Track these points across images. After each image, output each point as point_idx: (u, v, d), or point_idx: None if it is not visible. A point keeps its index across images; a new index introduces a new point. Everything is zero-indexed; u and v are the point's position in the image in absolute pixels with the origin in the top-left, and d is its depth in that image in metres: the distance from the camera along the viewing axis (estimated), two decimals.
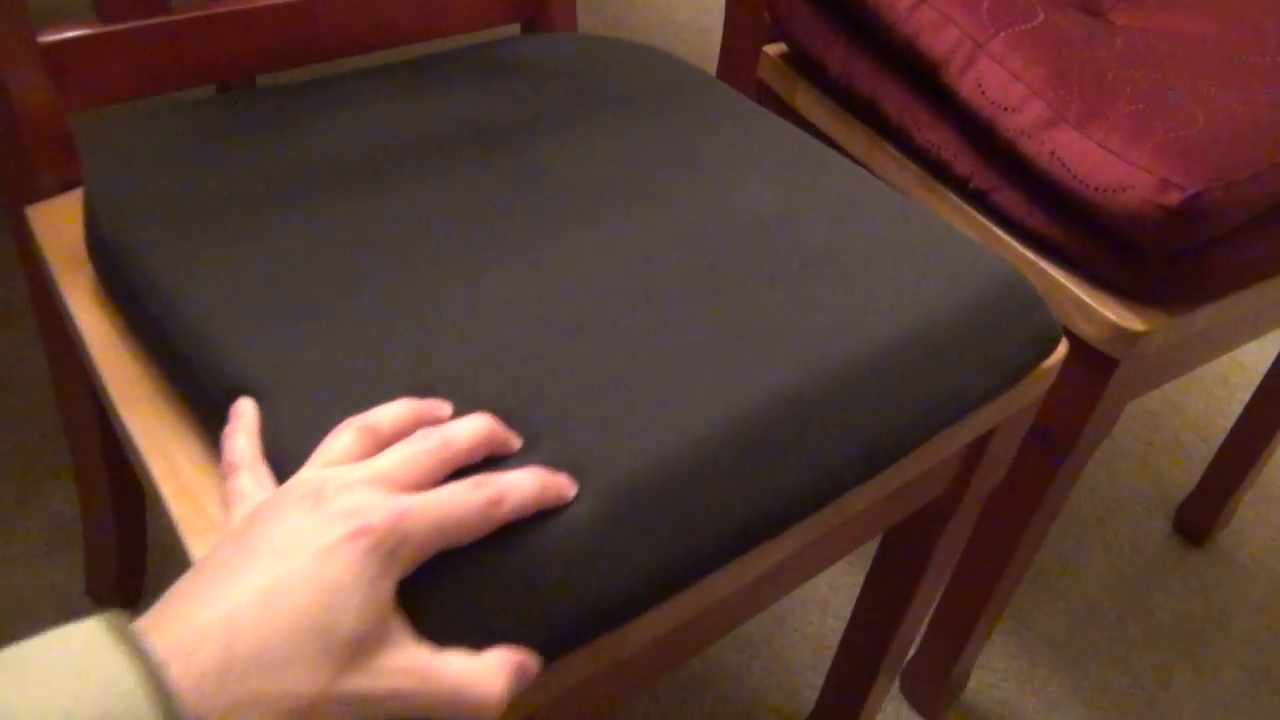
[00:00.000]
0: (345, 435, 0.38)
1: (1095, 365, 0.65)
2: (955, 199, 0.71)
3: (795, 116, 0.82)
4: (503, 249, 0.51)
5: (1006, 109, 0.64)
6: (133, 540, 0.85)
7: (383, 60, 0.70)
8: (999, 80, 0.64)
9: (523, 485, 0.38)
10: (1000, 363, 0.53)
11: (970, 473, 0.62)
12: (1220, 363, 1.39)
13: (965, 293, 0.53)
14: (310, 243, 0.50)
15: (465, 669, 0.35)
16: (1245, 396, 1.33)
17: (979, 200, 0.70)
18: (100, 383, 0.50)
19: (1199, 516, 1.14)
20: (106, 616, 0.30)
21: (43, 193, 0.60)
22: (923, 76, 0.70)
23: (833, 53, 0.76)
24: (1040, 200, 0.66)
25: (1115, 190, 0.59)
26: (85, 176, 0.54)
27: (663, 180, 0.58)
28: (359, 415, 0.40)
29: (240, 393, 0.43)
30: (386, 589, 0.34)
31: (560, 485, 0.39)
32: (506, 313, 0.47)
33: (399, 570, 0.35)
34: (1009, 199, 0.67)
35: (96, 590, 0.89)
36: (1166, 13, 0.77)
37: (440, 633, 0.36)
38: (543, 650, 0.38)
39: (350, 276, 0.48)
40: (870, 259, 0.54)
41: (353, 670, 0.33)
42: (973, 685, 0.97)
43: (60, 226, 0.58)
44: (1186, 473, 1.22)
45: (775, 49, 0.85)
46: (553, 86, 0.66)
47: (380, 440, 0.39)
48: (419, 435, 0.39)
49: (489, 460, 0.40)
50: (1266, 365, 1.06)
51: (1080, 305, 0.64)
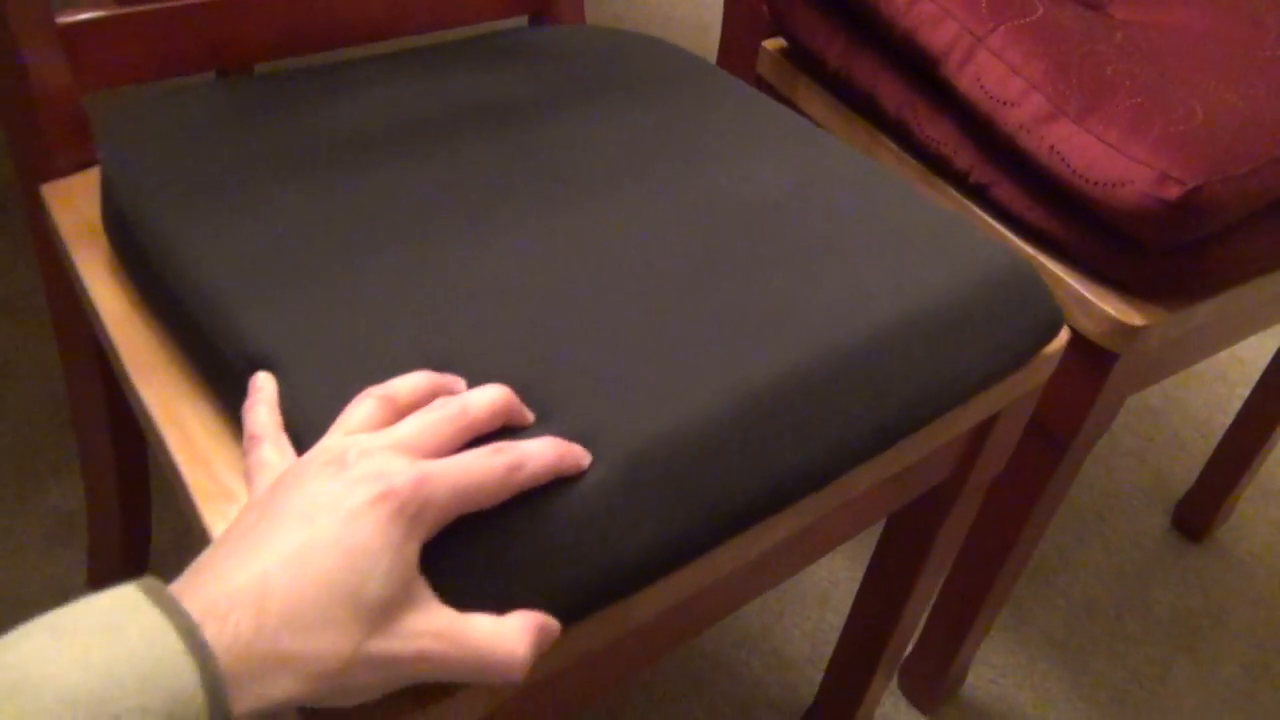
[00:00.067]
0: (365, 404, 0.39)
1: (1095, 360, 0.66)
2: (955, 193, 0.71)
3: (795, 111, 0.82)
4: (512, 225, 0.52)
5: (1005, 103, 0.64)
6: (137, 532, 0.85)
7: (389, 50, 0.70)
8: (998, 74, 0.65)
9: (541, 452, 0.38)
10: (1002, 347, 0.54)
11: (972, 459, 0.63)
12: (1219, 359, 1.40)
13: (968, 276, 0.54)
14: (322, 216, 0.51)
15: (491, 630, 0.36)
16: (1245, 393, 1.33)
17: (978, 195, 0.70)
18: (114, 354, 0.51)
19: (1198, 512, 1.14)
20: (143, 580, 0.31)
21: (58, 172, 0.60)
22: (922, 71, 0.70)
23: (832, 47, 0.76)
24: (1039, 195, 0.66)
25: (1114, 184, 0.60)
26: (102, 150, 0.55)
27: (668, 163, 0.58)
28: (378, 385, 0.40)
29: (257, 362, 0.44)
30: (412, 552, 0.35)
31: (576, 454, 0.40)
32: (512, 291, 0.48)
33: (423, 533, 0.35)
34: (1008, 193, 0.67)
35: (99, 581, 0.89)
36: (1165, 7, 0.77)
37: (459, 596, 0.36)
38: (558, 613, 0.39)
39: (363, 249, 0.49)
40: (874, 242, 0.54)
41: (381, 632, 0.33)
42: (971, 680, 0.97)
43: (75, 204, 0.59)
44: (1185, 469, 1.22)
45: (774, 44, 0.85)
46: (559, 71, 0.67)
47: (399, 409, 0.39)
48: (438, 404, 0.39)
49: (504, 431, 0.40)
50: (1266, 361, 1.06)
51: (1079, 300, 0.64)
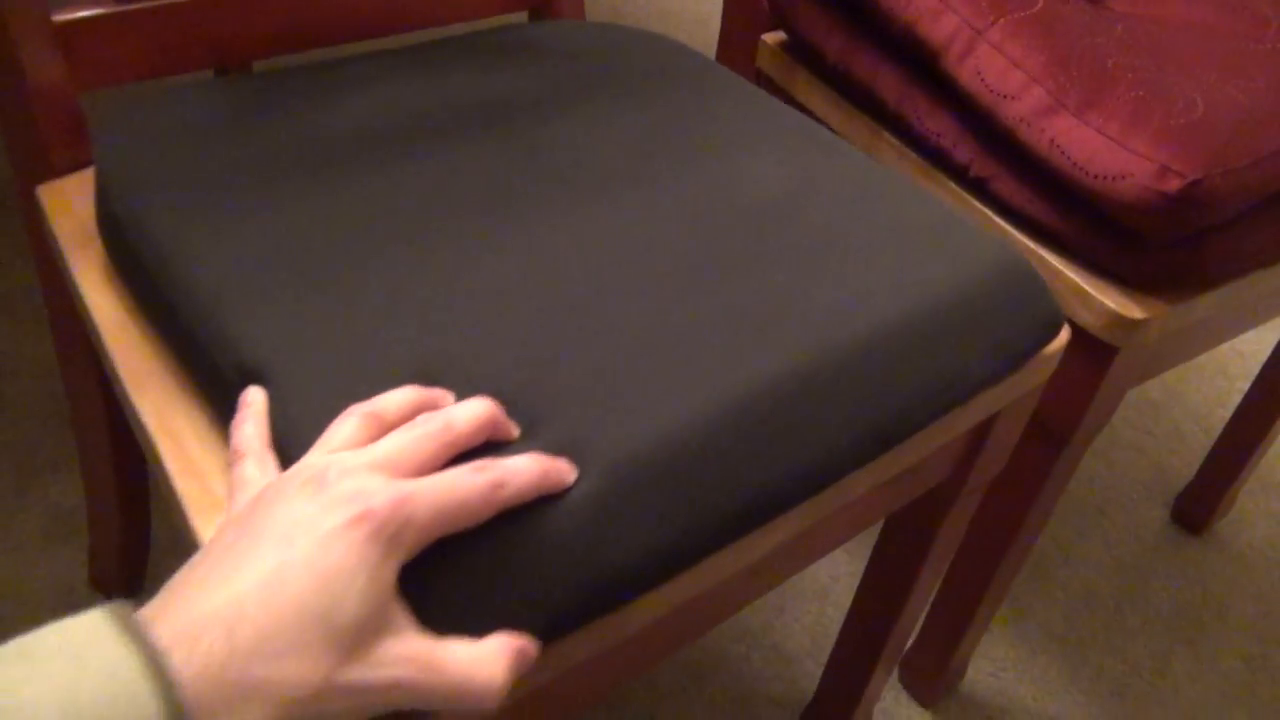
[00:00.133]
0: (349, 422, 0.38)
1: (1094, 353, 0.65)
2: (955, 187, 0.70)
3: (794, 105, 0.82)
4: (507, 229, 0.51)
5: (1006, 96, 0.64)
6: (136, 529, 0.85)
7: (387, 46, 0.69)
8: (998, 67, 0.64)
9: (524, 469, 0.38)
10: (1002, 347, 0.53)
11: (972, 459, 0.62)
12: (1220, 352, 1.40)
13: (968, 277, 0.53)
14: (318, 221, 0.50)
15: (466, 657, 0.35)
16: (1244, 386, 1.33)
17: (978, 188, 0.69)
18: (109, 361, 0.50)
19: (1198, 506, 1.14)
20: (110, 606, 0.30)
21: (54, 171, 0.60)
22: (922, 64, 0.70)
23: (831, 41, 0.76)
24: (1040, 188, 0.65)
25: (1114, 177, 0.59)
26: (96, 153, 0.55)
27: (667, 162, 0.58)
28: (364, 402, 0.40)
29: (249, 372, 0.43)
30: (388, 575, 0.34)
31: (561, 470, 0.39)
32: (510, 294, 0.47)
33: (401, 555, 0.34)
34: (1008, 187, 0.67)
35: (99, 579, 0.89)
36: (1166, 0, 0.77)
37: (441, 616, 0.36)
38: (543, 632, 0.38)
39: (357, 256, 0.49)
40: (873, 242, 0.54)
41: (354, 659, 0.32)
42: (971, 674, 0.97)
43: (71, 205, 0.58)
44: (1185, 462, 1.22)
45: (774, 38, 0.84)
46: (558, 69, 0.66)
47: (384, 426, 0.39)
48: (420, 420, 0.39)
49: (489, 445, 0.40)
50: (1266, 355, 1.06)
51: (1079, 293, 0.64)
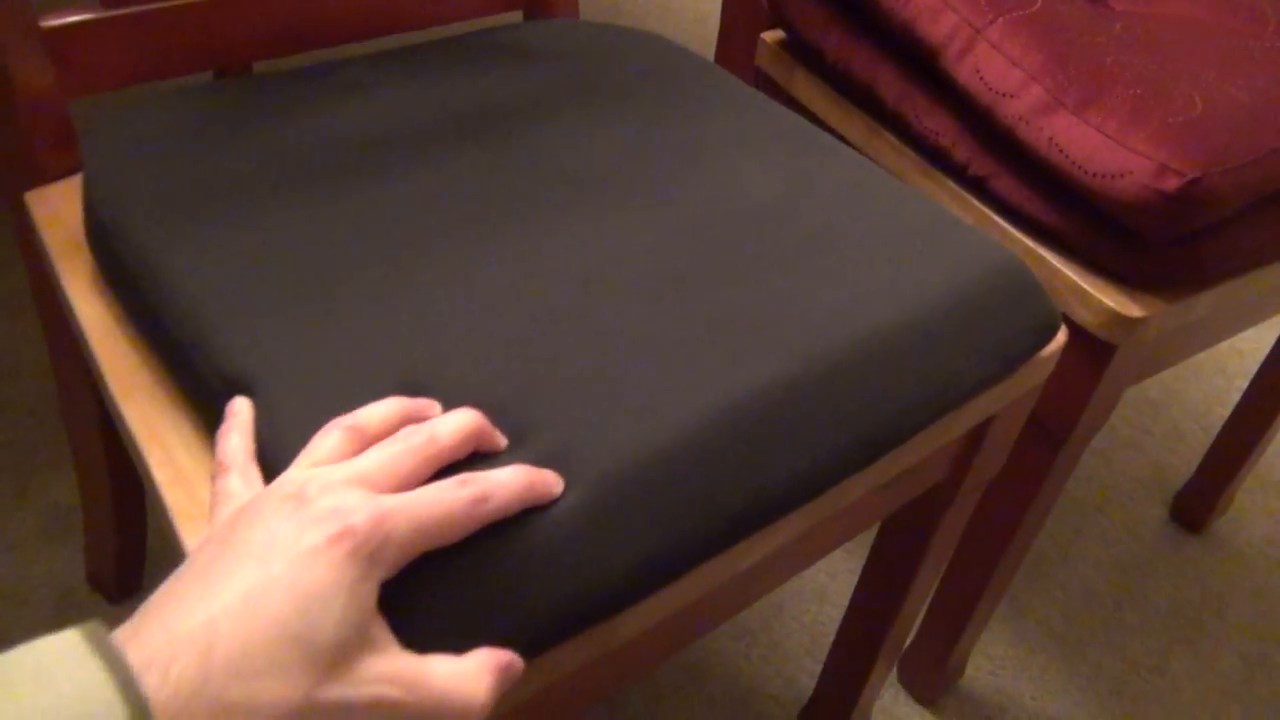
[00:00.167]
0: (332, 435, 0.38)
1: (1093, 352, 0.65)
2: (953, 185, 0.70)
3: (793, 104, 0.82)
4: (498, 239, 0.51)
5: (1004, 95, 0.64)
6: (132, 529, 0.85)
7: (382, 47, 0.69)
8: (997, 66, 0.64)
9: (508, 483, 0.37)
10: (998, 350, 0.53)
11: (969, 461, 0.62)
12: (1218, 350, 1.39)
13: (964, 280, 0.53)
14: (306, 230, 0.50)
15: (449, 674, 0.35)
16: (1243, 384, 1.33)
17: (977, 187, 0.69)
18: (98, 370, 0.50)
19: (1197, 504, 1.14)
20: (84, 626, 0.30)
21: (43, 178, 0.59)
22: (920, 62, 0.70)
23: (830, 39, 0.76)
24: (1038, 186, 0.65)
25: (1113, 176, 0.59)
26: (85, 162, 0.54)
27: (661, 168, 0.58)
28: (347, 415, 0.39)
29: (234, 383, 0.43)
30: (368, 593, 0.33)
31: (547, 482, 0.39)
32: (499, 304, 0.47)
33: (382, 573, 0.34)
34: (1007, 185, 0.67)
35: (96, 578, 0.89)
36: None
37: (424, 633, 0.35)
38: (530, 647, 0.38)
39: (345, 265, 0.48)
40: (869, 245, 0.54)
41: (334, 678, 0.32)
42: (970, 672, 0.97)
43: (60, 212, 0.58)
44: (1184, 460, 1.22)
45: (773, 36, 0.84)
46: (553, 73, 0.66)
47: (367, 440, 0.38)
48: (403, 433, 0.38)
49: (475, 456, 0.39)
50: (1265, 353, 1.06)
51: (1078, 291, 0.64)
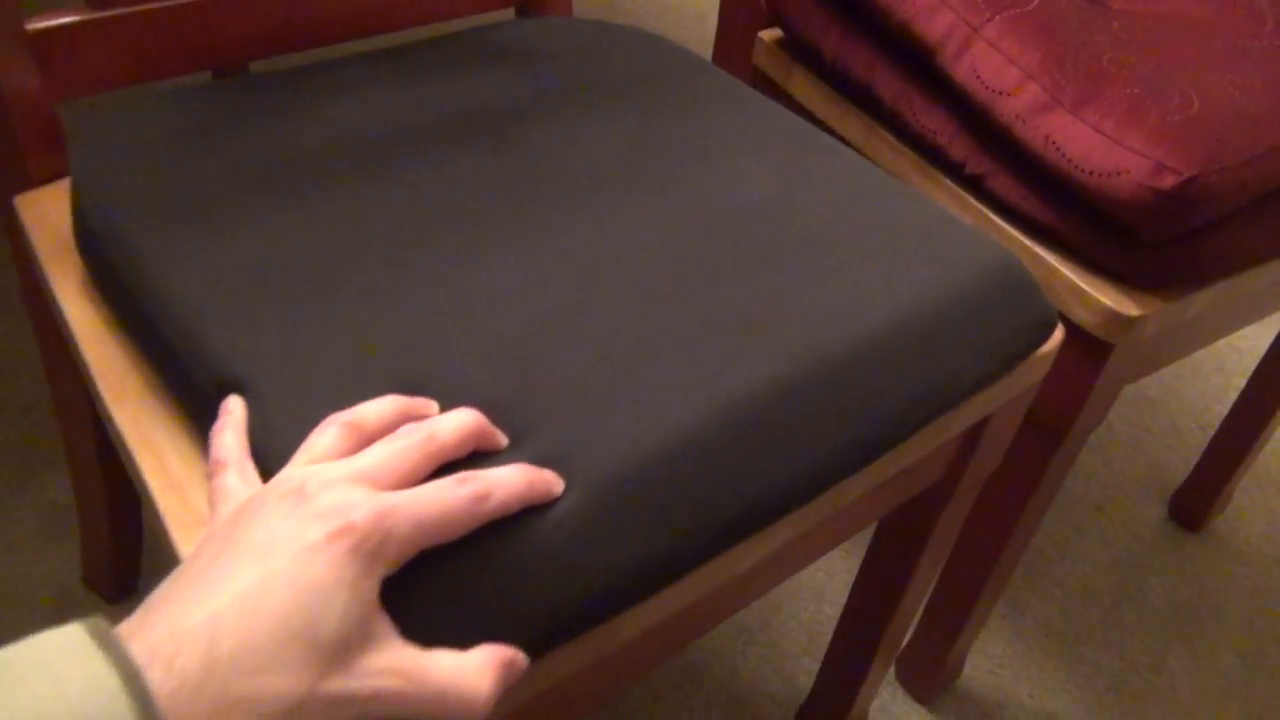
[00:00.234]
0: (330, 432, 0.38)
1: (1090, 350, 0.65)
2: (951, 184, 0.70)
3: (790, 102, 0.82)
4: (494, 239, 0.51)
5: (1002, 93, 0.64)
6: (127, 529, 0.85)
7: (376, 46, 0.69)
8: (994, 64, 0.64)
9: (509, 481, 0.37)
10: (995, 349, 0.53)
11: (966, 460, 0.62)
12: (1216, 349, 1.39)
13: (960, 279, 0.53)
14: (299, 234, 0.50)
15: (452, 668, 0.35)
16: (1241, 383, 1.33)
17: (974, 185, 0.69)
18: (89, 375, 0.50)
19: (1194, 502, 1.14)
20: (87, 621, 0.30)
21: (32, 182, 0.59)
22: (918, 61, 0.70)
23: (828, 38, 0.76)
24: (1036, 185, 0.65)
25: (1110, 174, 0.59)
26: (73, 167, 0.54)
27: (657, 168, 0.58)
28: (344, 411, 0.39)
29: (228, 387, 0.43)
30: (370, 588, 0.33)
31: (547, 481, 0.39)
32: (496, 305, 0.47)
33: (383, 569, 0.34)
34: (1004, 184, 0.67)
35: (92, 578, 0.89)
36: None
37: (426, 630, 0.35)
38: (531, 646, 0.38)
39: (340, 268, 0.48)
40: (866, 245, 0.54)
41: (336, 672, 0.32)
42: (968, 670, 0.97)
43: (49, 216, 0.58)
44: (1182, 459, 1.22)
45: (770, 34, 0.84)
46: (547, 73, 0.66)
47: (365, 436, 0.38)
48: (403, 430, 0.38)
49: (475, 456, 0.39)
50: (1263, 351, 1.06)
51: (1075, 290, 0.64)
